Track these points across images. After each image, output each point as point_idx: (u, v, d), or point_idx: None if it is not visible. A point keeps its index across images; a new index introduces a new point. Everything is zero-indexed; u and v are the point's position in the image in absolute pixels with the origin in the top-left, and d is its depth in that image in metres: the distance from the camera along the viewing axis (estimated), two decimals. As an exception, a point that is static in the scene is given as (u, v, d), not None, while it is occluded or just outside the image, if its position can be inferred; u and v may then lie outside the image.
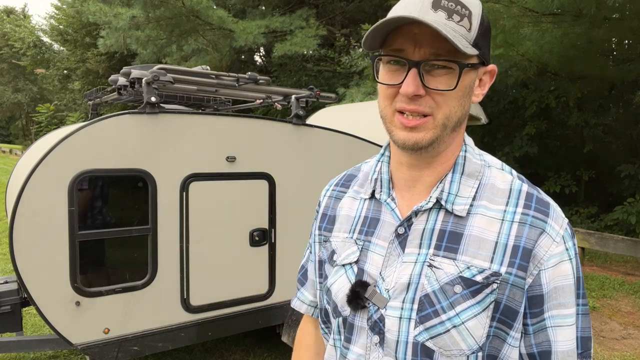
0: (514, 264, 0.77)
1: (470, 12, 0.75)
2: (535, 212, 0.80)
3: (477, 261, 0.78)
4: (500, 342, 0.79)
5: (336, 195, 1.00)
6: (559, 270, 0.78)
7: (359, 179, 0.97)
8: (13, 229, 2.48)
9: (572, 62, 7.41)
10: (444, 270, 0.79)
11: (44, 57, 26.20)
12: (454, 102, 0.77)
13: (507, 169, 0.87)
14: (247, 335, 4.06)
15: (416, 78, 0.75)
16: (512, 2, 5.44)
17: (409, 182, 0.87)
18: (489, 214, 0.81)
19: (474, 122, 5.63)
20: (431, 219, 0.83)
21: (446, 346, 0.78)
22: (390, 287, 0.82)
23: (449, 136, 0.81)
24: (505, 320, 0.78)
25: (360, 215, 0.91)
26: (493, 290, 0.77)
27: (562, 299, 0.79)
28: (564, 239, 0.79)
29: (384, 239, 0.86)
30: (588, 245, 6.76)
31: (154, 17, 9.28)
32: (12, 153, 33.31)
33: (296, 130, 3.37)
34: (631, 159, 9.36)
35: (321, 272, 0.97)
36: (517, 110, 10.75)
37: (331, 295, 0.90)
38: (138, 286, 2.81)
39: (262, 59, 15.09)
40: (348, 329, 0.87)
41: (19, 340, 3.23)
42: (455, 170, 0.84)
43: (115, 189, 2.82)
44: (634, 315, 4.99)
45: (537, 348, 0.80)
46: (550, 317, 0.79)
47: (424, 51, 0.75)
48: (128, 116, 2.74)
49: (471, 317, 0.77)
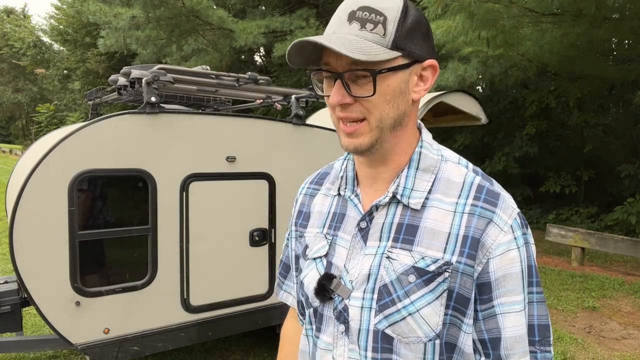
0: (464, 253, 0.81)
1: (385, 18, 0.79)
2: (484, 203, 0.83)
3: (431, 252, 0.82)
4: (456, 330, 0.83)
5: (310, 192, 1.05)
6: (506, 258, 0.81)
7: (331, 176, 1.02)
8: (13, 229, 2.48)
9: (572, 62, 7.41)
10: (399, 261, 0.83)
11: (44, 57, 26.22)
12: (382, 106, 0.81)
13: (464, 162, 0.91)
14: (247, 335, 4.06)
15: (341, 88, 0.80)
16: (512, 2, 5.44)
17: (369, 179, 0.92)
18: (443, 207, 0.85)
19: (474, 122, 5.64)
20: (390, 212, 0.87)
21: (404, 333, 0.82)
22: (354, 278, 0.87)
23: (391, 136, 0.85)
24: (459, 308, 0.82)
25: (330, 211, 0.97)
26: (445, 279, 0.81)
27: (510, 287, 0.82)
28: (512, 228, 0.82)
29: (349, 233, 0.91)
30: (588, 245, 6.76)
31: (154, 17, 9.28)
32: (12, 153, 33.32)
33: (296, 130, 3.37)
34: (631, 159, 9.36)
35: (297, 267, 1.03)
36: (517, 110, 10.75)
37: (304, 287, 0.96)
38: (138, 286, 2.81)
39: (262, 59, 15.09)
40: (318, 319, 0.92)
41: (19, 340, 3.23)
42: (410, 165, 0.88)
43: (115, 189, 2.82)
44: (634, 315, 4.99)
45: (488, 334, 0.83)
46: (499, 305, 0.82)
47: (343, 62, 0.79)
48: (128, 116, 2.74)
49: (425, 305, 0.81)
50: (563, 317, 4.93)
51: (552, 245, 8.04)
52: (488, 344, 0.83)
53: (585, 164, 10.10)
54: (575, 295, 5.57)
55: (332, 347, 0.89)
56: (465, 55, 7.60)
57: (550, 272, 6.55)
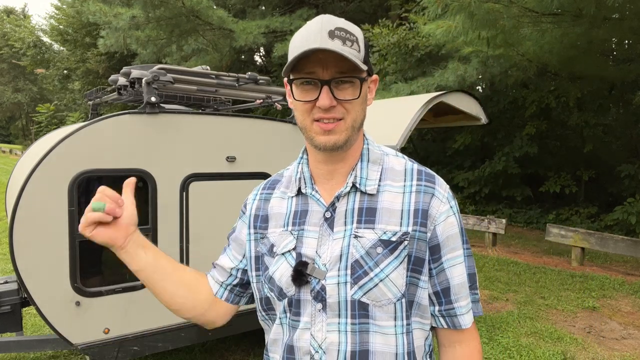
0: (417, 222, 1.00)
1: (357, 38, 0.96)
2: (426, 182, 1.04)
3: (390, 227, 0.99)
4: (414, 287, 1.00)
5: (264, 197, 1.15)
6: (447, 223, 1.02)
7: (283, 182, 1.14)
8: (13, 229, 2.48)
9: (572, 62, 7.41)
10: (366, 238, 0.99)
11: (44, 57, 26.22)
12: (358, 108, 0.99)
13: (400, 155, 1.11)
14: (247, 335, 4.06)
15: (328, 93, 0.95)
16: (512, 2, 5.44)
17: (327, 175, 1.06)
18: (394, 190, 1.03)
19: (474, 122, 5.64)
20: (350, 200, 1.03)
21: (377, 298, 0.97)
22: (327, 261, 1.00)
23: (356, 135, 1.02)
24: (416, 269, 1.00)
25: (290, 210, 1.08)
26: (405, 246, 0.98)
27: (453, 245, 1.03)
28: (447, 199, 1.04)
29: (315, 224, 1.03)
30: (588, 245, 6.75)
31: (154, 17, 9.28)
32: (12, 153, 33.31)
33: (296, 130, 3.37)
34: (631, 159, 9.36)
35: (258, 266, 1.11)
36: (517, 110, 10.75)
37: (274, 281, 1.04)
38: (138, 286, 2.81)
39: (262, 59, 15.10)
40: (295, 305, 1.02)
41: (19, 340, 3.23)
42: (362, 159, 1.06)
43: (115, 189, 2.81)
44: (634, 315, 4.99)
45: (440, 286, 1.03)
46: (446, 260, 1.02)
47: (331, 71, 0.95)
48: (128, 116, 2.74)
49: (392, 270, 0.97)
50: (563, 317, 4.93)
51: (552, 245, 8.04)
52: (440, 294, 1.03)
53: (585, 164, 10.10)
54: (575, 295, 5.57)
55: (310, 324, 1.00)
56: (465, 55, 7.60)
57: (550, 272, 6.54)
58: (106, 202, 1.04)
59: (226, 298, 1.17)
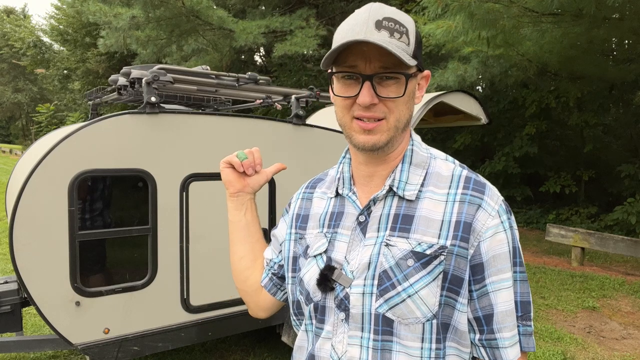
0: (457, 236, 0.88)
1: (407, 29, 0.88)
2: (473, 191, 0.92)
3: (426, 238, 0.89)
4: (450, 309, 0.89)
5: (307, 196, 1.12)
6: (495, 240, 0.89)
7: (326, 181, 1.10)
8: (13, 229, 2.48)
9: (572, 62, 7.41)
10: (398, 247, 0.90)
11: (44, 57, 26.21)
12: (402, 107, 0.90)
13: (451, 159, 1.00)
14: (247, 335, 4.06)
15: (370, 89, 0.87)
16: (512, 2, 5.44)
17: (367, 177, 0.99)
18: (435, 197, 0.92)
19: (475, 122, 5.63)
20: (387, 204, 0.94)
21: (403, 315, 0.88)
22: (354, 268, 0.92)
23: (400, 135, 0.94)
24: (453, 288, 0.88)
25: (327, 211, 1.03)
26: (441, 262, 0.88)
27: (500, 265, 0.90)
28: (499, 213, 0.91)
29: (348, 227, 0.97)
30: (588, 245, 6.75)
31: (154, 17, 9.27)
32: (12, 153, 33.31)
33: (296, 130, 3.37)
34: (631, 159, 9.36)
35: (295, 267, 1.07)
36: (517, 110, 10.75)
37: (304, 284, 1.00)
38: (138, 286, 2.80)
39: (262, 59, 15.09)
40: (320, 312, 0.96)
41: (19, 340, 3.23)
42: (404, 161, 0.97)
43: (115, 189, 2.82)
44: (634, 315, 4.99)
45: (482, 312, 0.90)
46: (490, 283, 0.90)
47: (374, 65, 0.87)
48: (128, 116, 2.74)
49: (423, 286, 0.87)
50: (563, 317, 4.93)
51: (552, 245, 8.04)
52: (482, 321, 0.91)
53: (585, 164, 10.10)
54: (575, 295, 5.57)
55: (332, 334, 0.94)
56: (465, 55, 7.59)
57: (550, 272, 6.54)
58: (249, 158, 1.15)
59: (265, 284, 1.16)
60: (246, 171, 1.15)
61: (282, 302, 1.19)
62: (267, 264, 1.17)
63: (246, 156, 1.14)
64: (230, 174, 1.15)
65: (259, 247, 1.19)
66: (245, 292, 1.19)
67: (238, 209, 1.17)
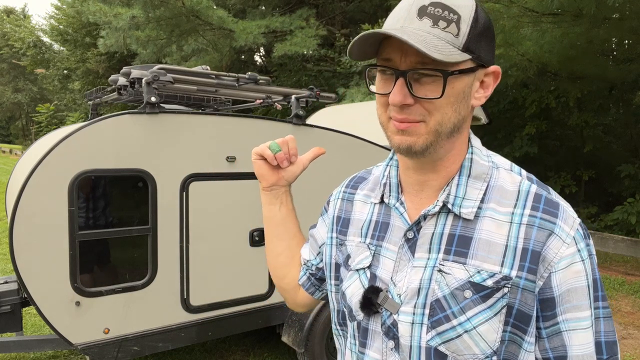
0: (524, 267, 0.76)
1: (459, 17, 0.74)
2: (544, 213, 0.78)
3: (487, 265, 0.77)
4: (516, 347, 0.78)
5: (347, 197, 1.00)
6: (570, 272, 0.76)
7: (370, 182, 0.97)
8: (13, 229, 2.48)
9: (572, 62, 7.41)
10: (453, 276, 0.78)
11: (44, 57, 26.19)
12: (445, 109, 0.76)
13: (517, 169, 0.86)
14: (247, 335, 4.06)
15: (403, 87, 0.75)
16: (512, 2, 5.44)
17: (416, 186, 0.86)
18: (498, 217, 0.79)
19: (475, 122, 5.64)
20: (440, 223, 0.82)
21: (459, 351, 0.77)
22: (402, 292, 0.82)
23: (447, 141, 0.80)
24: (520, 325, 0.77)
25: (371, 219, 0.91)
26: (504, 295, 0.76)
27: (576, 302, 0.77)
28: (575, 239, 0.77)
29: (394, 243, 0.86)
30: (588, 245, 6.75)
31: (154, 17, 9.27)
32: (12, 153, 33.30)
33: (296, 130, 3.37)
34: (631, 159, 9.35)
35: (337, 275, 0.97)
36: (517, 110, 10.75)
37: (346, 299, 0.91)
38: (138, 286, 2.81)
39: (262, 59, 15.09)
40: (362, 333, 0.87)
41: (19, 340, 3.23)
42: (461, 173, 0.83)
43: (115, 189, 2.82)
44: (634, 315, 4.99)
45: (553, 353, 0.78)
46: (564, 321, 0.77)
47: (410, 60, 0.74)
48: (128, 116, 2.74)
49: (483, 321, 0.76)
50: (563, 317, 4.93)
51: (552, 245, 8.03)
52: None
53: (585, 164, 10.10)
54: (575, 295, 5.57)
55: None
56: (465, 55, 7.59)
57: (550, 272, 6.55)
58: (283, 149, 1.03)
59: (303, 283, 1.08)
60: (280, 164, 1.04)
61: (320, 300, 1.12)
62: (304, 263, 1.09)
63: (279, 148, 1.03)
64: (262, 167, 1.06)
65: (295, 242, 1.11)
66: (283, 289, 1.13)
67: (272, 203, 1.08)
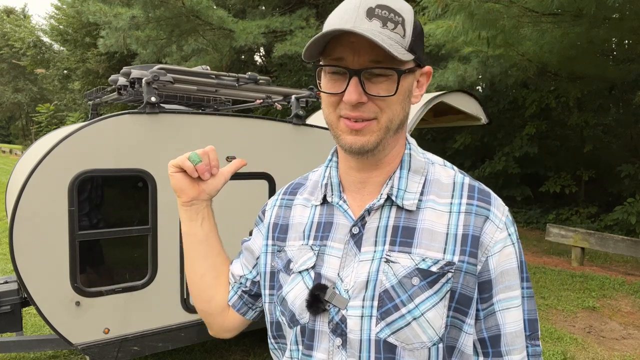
0: (465, 251, 0.81)
1: (403, 19, 0.78)
2: (479, 201, 0.84)
3: (431, 253, 0.81)
4: (457, 331, 0.82)
5: (285, 204, 0.99)
6: (503, 254, 0.83)
7: (308, 187, 0.98)
8: (13, 229, 2.48)
9: (572, 62, 7.41)
10: (400, 264, 0.81)
11: (44, 57, 26.21)
12: (395, 106, 0.80)
13: (449, 165, 0.92)
14: (247, 335, 4.06)
15: (358, 86, 0.77)
16: (512, 2, 5.44)
17: (358, 184, 0.89)
18: (438, 207, 0.84)
19: (475, 122, 5.64)
20: (384, 216, 0.85)
21: (408, 340, 0.79)
22: (350, 286, 0.83)
23: (393, 138, 0.84)
24: (461, 309, 0.81)
25: (312, 221, 0.92)
26: (448, 280, 0.80)
27: (508, 282, 0.83)
28: (506, 225, 0.84)
29: (339, 240, 0.86)
30: (588, 245, 6.75)
31: (154, 17, 9.27)
32: (12, 153, 33.31)
33: (296, 130, 3.37)
34: (631, 159, 9.36)
35: (272, 284, 0.95)
36: (517, 110, 10.75)
37: (287, 304, 0.89)
38: (138, 286, 2.81)
39: (262, 59, 15.09)
40: (308, 336, 0.86)
41: (19, 340, 3.23)
42: (402, 167, 0.87)
43: (115, 189, 2.82)
44: (634, 315, 4.99)
45: (487, 332, 0.83)
46: (498, 301, 0.83)
47: (363, 59, 0.76)
48: (128, 116, 2.74)
49: (430, 307, 0.79)
50: (563, 317, 4.93)
51: (552, 245, 8.03)
52: (487, 343, 0.84)
53: (585, 164, 10.10)
54: (575, 295, 5.57)
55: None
56: (465, 55, 7.60)
57: (550, 272, 6.54)
58: (204, 160, 0.98)
59: (234, 303, 1.02)
60: (201, 176, 0.99)
61: (250, 321, 1.06)
62: (235, 280, 1.03)
63: (200, 159, 0.97)
64: (181, 180, 0.99)
65: (220, 260, 1.05)
66: (209, 313, 1.04)
67: (193, 219, 1.01)
